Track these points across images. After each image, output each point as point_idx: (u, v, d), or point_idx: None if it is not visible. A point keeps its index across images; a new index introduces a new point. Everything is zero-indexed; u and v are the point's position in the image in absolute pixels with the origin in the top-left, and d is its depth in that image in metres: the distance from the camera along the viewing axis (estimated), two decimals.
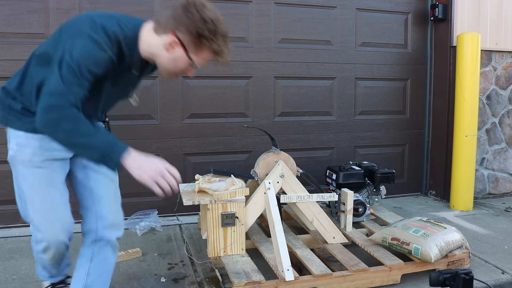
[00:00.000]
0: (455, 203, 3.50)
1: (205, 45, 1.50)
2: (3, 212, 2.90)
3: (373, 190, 2.86)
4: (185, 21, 1.47)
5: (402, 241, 2.25)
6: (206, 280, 2.23)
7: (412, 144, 3.88)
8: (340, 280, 2.09)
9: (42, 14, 2.87)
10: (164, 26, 1.51)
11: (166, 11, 1.55)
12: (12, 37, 2.84)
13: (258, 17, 3.32)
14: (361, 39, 3.61)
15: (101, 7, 2.96)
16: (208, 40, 1.49)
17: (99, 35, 1.46)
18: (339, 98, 3.60)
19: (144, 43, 1.56)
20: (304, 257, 2.25)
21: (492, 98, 3.79)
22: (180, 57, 1.53)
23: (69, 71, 1.41)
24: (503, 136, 3.87)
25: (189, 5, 1.48)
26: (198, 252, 2.57)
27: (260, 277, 1.99)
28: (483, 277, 2.26)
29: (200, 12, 1.46)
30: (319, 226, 2.45)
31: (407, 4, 3.71)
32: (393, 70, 3.73)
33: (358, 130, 3.68)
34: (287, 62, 3.43)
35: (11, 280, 2.19)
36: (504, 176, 3.92)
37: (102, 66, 1.47)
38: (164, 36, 1.51)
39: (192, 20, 1.46)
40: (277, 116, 3.45)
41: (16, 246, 2.63)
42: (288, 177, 2.38)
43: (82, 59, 1.42)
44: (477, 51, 3.36)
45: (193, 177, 2.44)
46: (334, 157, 3.62)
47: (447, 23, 3.60)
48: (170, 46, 1.51)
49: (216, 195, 2.16)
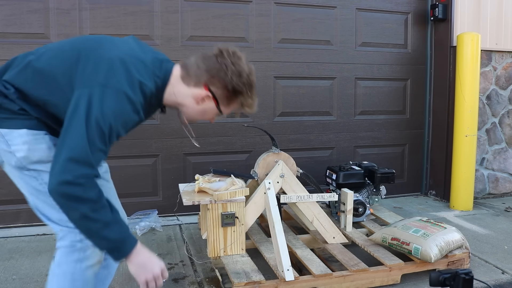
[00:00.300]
0: (455, 203, 3.50)
1: (238, 99, 1.48)
2: (3, 212, 2.91)
3: (373, 190, 2.86)
4: (220, 75, 1.41)
5: (402, 241, 2.25)
6: (206, 280, 2.23)
7: (412, 144, 3.88)
8: (340, 280, 2.09)
9: (42, 14, 2.87)
10: (196, 77, 1.44)
11: (195, 58, 1.46)
12: (12, 37, 2.84)
13: (258, 17, 3.32)
14: (361, 39, 3.62)
15: (101, 7, 2.96)
16: (243, 95, 1.47)
17: (136, 94, 1.34)
18: (339, 98, 3.60)
19: (172, 93, 1.46)
20: (304, 257, 2.25)
21: (492, 98, 3.79)
22: (209, 109, 1.48)
23: (98, 134, 1.27)
24: (503, 136, 3.87)
25: (222, 56, 1.42)
26: (198, 252, 2.57)
27: (260, 277, 1.99)
28: (483, 277, 2.26)
29: (235, 65, 1.42)
30: (319, 226, 2.45)
31: (407, 4, 3.71)
32: (393, 70, 3.73)
33: (358, 130, 3.68)
34: (287, 62, 3.43)
35: (11, 280, 2.19)
36: (504, 176, 3.92)
37: (130, 128, 1.38)
38: (196, 88, 1.44)
39: (227, 74, 1.41)
40: (277, 116, 3.45)
41: (16, 246, 2.63)
42: (288, 177, 2.38)
43: (115, 122, 1.29)
44: (477, 51, 3.36)
45: (193, 177, 2.44)
46: (334, 157, 3.62)
47: (447, 23, 3.60)
48: (201, 100, 1.45)
49: (216, 195, 2.16)
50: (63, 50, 1.41)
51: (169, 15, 3.12)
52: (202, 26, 3.20)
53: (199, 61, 1.44)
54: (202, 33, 3.20)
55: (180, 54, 3.15)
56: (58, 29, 2.90)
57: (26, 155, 1.37)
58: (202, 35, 3.20)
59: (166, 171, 3.20)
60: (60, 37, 2.91)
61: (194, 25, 3.18)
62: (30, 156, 1.38)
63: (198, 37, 3.20)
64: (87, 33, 2.96)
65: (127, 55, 1.38)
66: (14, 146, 1.37)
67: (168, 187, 3.21)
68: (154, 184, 3.20)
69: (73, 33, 2.93)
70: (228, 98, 1.47)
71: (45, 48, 1.45)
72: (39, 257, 2.46)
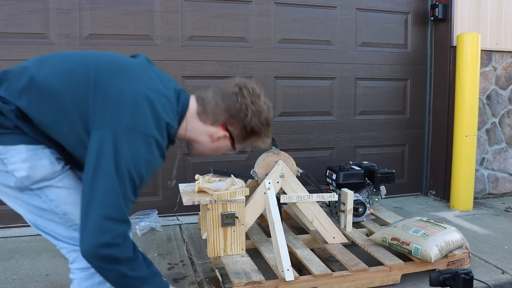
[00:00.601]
0: (455, 203, 3.50)
1: (254, 137, 1.44)
2: (3, 212, 2.90)
3: (373, 190, 2.86)
4: (240, 116, 1.37)
5: (402, 241, 2.25)
6: (206, 280, 2.22)
7: (412, 144, 3.88)
8: (340, 280, 2.09)
9: (42, 14, 2.87)
10: (214, 116, 1.38)
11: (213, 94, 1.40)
12: (12, 37, 2.84)
13: (258, 17, 3.32)
14: (361, 39, 3.61)
15: (101, 7, 2.96)
16: (260, 134, 1.43)
17: (163, 138, 1.27)
18: (339, 98, 3.60)
19: (186, 128, 1.40)
20: (304, 257, 2.25)
21: (492, 98, 3.79)
22: (223, 147, 1.45)
23: (131, 186, 1.18)
24: (503, 136, 3.87)
25: (243, 95, 1.37)
26: (198, 252, 2.57)
27: (260, 277, 1.99)
28: (483, 277, 2.26)
29: (255, 104, 1.38)
30: (319, 226, 2.45)
31: (407, 4, 3.71)
32: (393, 70, 3.73)
33: (358, 130, 3.68)
34: (287, 62, 3.43)
35: (11, 280, 2.19)
36: (504, 176, 3.92)
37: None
38: (212, 127, 1.39)
39: (247, 115, 1.36)
40: (277, 116, 3.45)
41: (16, 246, 2.63)
42: (288, 177, 2.38)
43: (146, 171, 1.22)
44: (477, 51, 3.36)
45: (193, 177, 2.43)
46: (334, 157, 3.62)
47: (447, 23, 3.60)
48: (217, 139, 1.41)
49: (216, 195, 2.16)
50: (71, 67, 1.27)
51: (169, 15, 3.12)
52: (202, 26, 3.20)
53: (218, 99, 1.38)
54: (202, 33, 3.20)
55: (180, 54, 3.15)
56: (58, 29, 2.90)
57: (28, 175, 1.23)
58: (202, 35, 3.20)
59: (166, 171, 3.19)
60: (60, 37, 2.91)
61: (194, 25, 3.18)
62: (33, 175, 1.24)
63: (198, 37, 3.20)
64: (87, 33, 2.96)
65: (151, 90, 1.27)
66: (12, 165, 1.22)
67: (168, 187, 3.21)
68: (154, 184, 3.20)
69: (73, 33, 2.93)
70: (244, 137, 1.43)
71: (47, 60, 1.31)
72: (39, 257, 2.47)
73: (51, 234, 1.33)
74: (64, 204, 1.30)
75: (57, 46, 2.90)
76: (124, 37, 3.03)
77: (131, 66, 1.33)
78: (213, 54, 3.24)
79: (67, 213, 1.30)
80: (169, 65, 3.13)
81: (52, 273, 2.27)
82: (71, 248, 1.34)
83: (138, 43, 3.06)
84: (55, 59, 1.32)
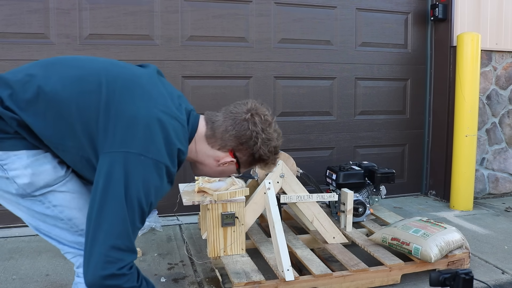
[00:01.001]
0: (455, 203, 3.50)
1: (260, 164, 1.43)
2: (3, 212, 2.89)
3: (373, 190, 2.86)
4: (250, 144, 1.34)
5: (402, 241, 2.25)
6: (206, 280, 2.22)
7: (412, 144, 3.88)
8: (340, 280, 2.09)
9: (42, 14, 2.87)
10: (222, 141, 1.35)
11: (224, 117, 1.36)
12: (12, 37, 2.84)
13: (258, 17, 3.32)
14: (361, 39, 3.61)
15: (101, 7, 2.96)
16: (267, 162, 1.42)
17: (174, 164, 1.23)
18: (339, 98, 3.60)
19: (193, 150, 1.37)
20: (304, 257, 2.24)
21: (492, 98, 3.79)
22: (229, 171, 1.43)
23: (139, 215, 1.15)
24: (503, 136, 3.87)
25: (254, 123, 1.34)
26: (198, 252, 2.57)
27: (260, 277, 1.99)
28: (483, 277, 2.26)
29: (265, 133, 1.36)
30: (319, 226, 2.45)
31: (407, 4, 3.71)
32: (393, 70, 3.73)
33: (358, 130, 3.68)
34: (287, 62, 3.43)
35: (11, 280, 2.19)
36: (504, 176, 3.92)
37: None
38: (220, 152, 1.36)
39: (257, 143, 1.34)
40: (277, 116, 3.45)
41: (16, 246, 2.63)
42: (288, 177, 2.38)
43: (155, 199, 1.19)
44: (477, 51, 3.36)
45: (193, 177, 2.43)
46: (334, 157, 3.62)
47: (447, 23, 3.60)
48: (224, 164, 1.39)
49: (216, 195, 2.16)
50: (81, 77, 1.22)
51: (169, 15, 3.12)
52: (202, 26, 3.20)
53: (228, 123, 1.34)
54: (202, 33, 3.20)
55: (180, 54, 3.15)
56: (58, 29, 2.90)
57: (30, 182, 1.19)
58: (202, 35, 3.20)
59: None
60: (60, 37, 2.91)
61: (194, 25, 3.18)
62: (36, 181, 1.20)
63: (198, 37, 3.20)
64: (87, 33, 2.96)
65: (164, 113, 1.22)
66: (13, 171, 1.18)
67: None
68: None
69: (73, 33, 2.93)
70: (251, 163, 1.42)
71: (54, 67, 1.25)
72: (39, 257, 2.46)
73: (55, 238, 1.30)
74: (68, 209, 1.26)
75: (57, 46, 2.90)
76: (124, 37, 3.03)
77: (143, 82, 1.28)
78: (213, 54, 3.23)
79: (72, 218, 1.27)
80: (169, 65, 3.13)
81: (52, 273, 2.27)
82: (77, 253, 1.31)
83: (138, 43, 3.06)
84: (63, 67, 1.26)
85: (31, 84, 1.18)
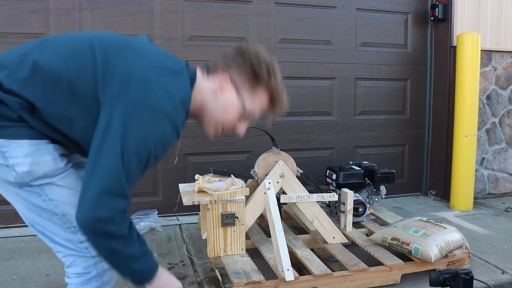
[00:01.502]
0: (455, 203, 3.50)
1: (261, 85, 1.32)
2: (3, 212, 2.90)
3: (373, 190, 2.86)
4: (238, 58, 1.31)
5: (402, 241, 2.25)
6: (206, 280, 2.23)
7: (412, 144, 3.88)
8: (340, 280, 2.09)
9: (42, 14, 2.87)
10: (213, 66, 1.34)
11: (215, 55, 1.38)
12: (12, 37, 2.84)
13: (258, 17, 3.32)
14: (361, 39, 3.62)
15: (101, 7, 2.96)
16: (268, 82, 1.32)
17: (179, 115, 1.21)
18: (339, 98, 3.60)
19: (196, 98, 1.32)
20: (304, 257, 2.25)
21: (492, 98, 3.79)
22: (231, 102, 1.33)
23: (136, 163, 1.16)
24: (503, 136, 3.87)
25: (241, 46, 1.33)
26: (198, 252, 2.57)
27: (260, 277, 1.99)
28: (483, 277, 2.26)
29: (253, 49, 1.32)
30: (319, 226, 2.45)
31: (407, 4, 3.71)
32: (393, 70, 3.73)
33: (358, 130, 3.68)
34: (287, 62, 3.43)
35: (11, 280, 2.19)
36: (504, 176, 3.92)
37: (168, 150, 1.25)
38: (213, 78, 1.33)
39: (245, 56, 1.30)
40: None
41: (16, 246, 2.63)
42: (288, 177, 2.38)
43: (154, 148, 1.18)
44: (477, 51, 3.36)
45: (193, 177, 2.43)
46: (334, 157, 3.62)
47: (447, 23, 3.60)
48: (220, 88, 1.32)
49: (216, 195, 2.16)
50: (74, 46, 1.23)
51: (169, 15, 3.12)
52: (202, 26, 3.20)
53: (217, 56, 1.36)
54: (202, 33, 3.20)
55: (180, 54, 3.15)
56: (58, 29, 2.90)
57: (29, 170, 1.19)
58: (202, 35, 3.21)
59: (166, 171, 3.20)
60: None
61: (194, 25, 3.18)
62: (35, 171, 1.20)
63: (198, 37, 3.20)
64: None
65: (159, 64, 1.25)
66: (13, 159, 1.18)
67: (168, 187, 3.21)
68: (154, 184, 3.20)
69: None
70: (249, 83, 1.33)
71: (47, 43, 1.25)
72: (39, 257, 2.47)
73: (48, 235, 1.30)
74: (64, 204, 1.26)
75: None
76: None
77: (135, 41, 1.30)
78: (213, 54, 3.23)
79: (66, 214, 1.27)
80: None
81: (52, 273, 2.27)
82: (67, 252, 1.30)
83: None
84: (57, 41, 1.26)
85: (26, 61, 1.19)
